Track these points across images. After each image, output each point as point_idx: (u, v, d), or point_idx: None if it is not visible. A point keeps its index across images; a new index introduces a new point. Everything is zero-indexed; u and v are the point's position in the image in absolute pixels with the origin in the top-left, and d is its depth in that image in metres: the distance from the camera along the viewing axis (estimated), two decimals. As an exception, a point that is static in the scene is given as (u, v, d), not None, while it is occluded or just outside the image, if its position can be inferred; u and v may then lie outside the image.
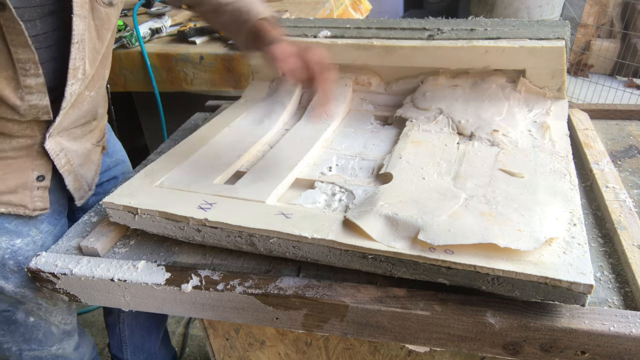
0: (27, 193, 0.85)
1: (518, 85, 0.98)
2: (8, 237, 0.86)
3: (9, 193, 0.83)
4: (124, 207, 0.77)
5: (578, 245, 0.62)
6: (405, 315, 0.63)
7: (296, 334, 0.82)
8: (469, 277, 0.61)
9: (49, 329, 0.99)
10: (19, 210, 0.85)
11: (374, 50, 1.05)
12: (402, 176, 0.78)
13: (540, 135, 0.88)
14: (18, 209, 0.85)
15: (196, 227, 0.74)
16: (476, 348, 0.64)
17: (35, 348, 0.99)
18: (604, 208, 0.80)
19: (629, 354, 0.59)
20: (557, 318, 0.60)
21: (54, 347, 1.02)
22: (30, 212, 0.86)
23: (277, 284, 0.68)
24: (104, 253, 0.79)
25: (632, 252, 0.68)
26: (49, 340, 1.00)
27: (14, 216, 0.86)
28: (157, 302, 0.73)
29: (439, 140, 0.89)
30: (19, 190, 0.84)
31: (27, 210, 0.86)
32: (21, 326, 0.95)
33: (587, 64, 3.02)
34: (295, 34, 1.12)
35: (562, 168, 0.78)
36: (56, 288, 0.77)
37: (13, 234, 0.86)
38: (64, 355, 1.05)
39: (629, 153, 0.98)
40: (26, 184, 0.85)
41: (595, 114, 1.12)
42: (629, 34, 2.89)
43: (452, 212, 0.67)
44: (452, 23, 1.05)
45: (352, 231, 0.67)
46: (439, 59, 1.02)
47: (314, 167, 0.88)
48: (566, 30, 0.96)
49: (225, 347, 0.90)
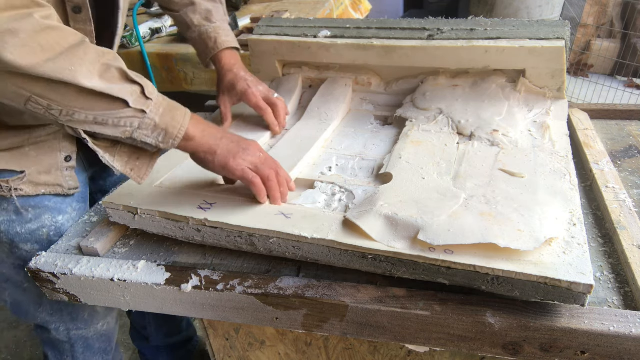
0: (59, 173, 0.91)
1: (518, 85, 0.98)
2: (50, 215, 0.90)
3: (45, 173, 0.89)
4: (124, 207, 0.77)
5: (578, 245, 0.62)
6: (405, 315, 0.63)
7: (296, 334, 0.82)
8: (468, 277, 0.61)
9: (94, 307, 1.02)
10: (56, 189, 0.90)
11: (374, 50, 1.05)
12: (402, 176, 0.78)
13: (540, 135, 0.88)
14: (56, 189, 0.90)
15: (196, 227, 0.74)
16: (476, 348, 0.64)
17: (81, 327, 1.03)
18: (603, 208, 0.80)
19: (629, 354, 0.59)
20: (557, 318, 0.60)
21: (99, 324, 1.05)
22: (67, 190, 0.92)
23: (277, 284, 0.68)
24: (104, 253, 0.79)
25: (632, 252, 0.68)
26: (94, 318, 1.04)
27: (53, 195, 0.91)
28: (157, 302, 0.73)
29: (439, 140, 0.89)
30: (52, 170, 0.90)
31: (63, 189, 0.91)
32: (68, 306, 0.99)
33: (587, 64, 3.02)
34: (295, 34, 1.12)
35: (562, 168, 0.78)
36: (56, 288, 0.77)
37: (54, 211, 0.91)
38: (109, 330, 1.08)
39: (629, 153, 0.98)
40: (57, 164, 0.90)
41: (595, 114, 1.12)
42: (629, 34, 2.89)
43: (452, 212, 0.67)
44: (452, 23, 1.04)
45: (352, 231, 0.67)
46: (439, 59, 1.02)
47: (314, 167, 0.88)
48: (566, 30, 0.96)
49: (225, 347, 0.90)
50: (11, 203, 0.86)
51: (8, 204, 0.86)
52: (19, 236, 0.88)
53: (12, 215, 0.87)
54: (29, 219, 0.88)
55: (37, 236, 0.89)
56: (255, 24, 1.91)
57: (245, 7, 2.25)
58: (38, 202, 0.88)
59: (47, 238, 0.90)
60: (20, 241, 0.89)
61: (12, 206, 0.87)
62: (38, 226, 0.89)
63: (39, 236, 0.90)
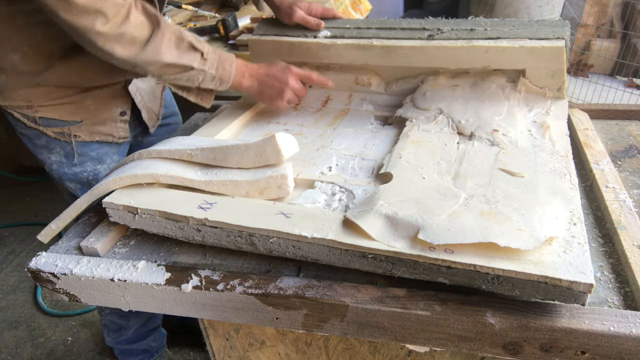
0: (113, 125, 1.12)
1: (518, 85, 0.98)
2: (92, 163, 1.12)
3: (100, 124, 1.10)
4: (124, 206, 0.77)
5: (578, 245, 0.62)
6: (405, 315, 0.63)
7: (296, 334, 0.82)
8: (469, 276, 0.61)
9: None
10: (108, 138, 1.12)
11: (374, 50, 1.05)
12: (402, 176, 0.78)
13: (540, 135, 0.88)
14: (107, 137, 1.12)
15: (196, 227, 0.74)
16: (476, 348, 0.64)
17: None
18: (604, 208, 0.80)
19: (629, 354, 0.59)
20: (557, 318, 0.60)
21: None
22: (117, 139, 1.14)
23: (277, 284, 0.68)
24: (104, 253, 0.79)
25: (632, 252, 0.68)
26: None
27: (97, 144, 1.11)
28: (157, 302, 0.73)
29: (439, 140, 0.89)
30: (107, 122, 1.11)
31: (114, 138, 1.13)
32: None
33: (587, 64, 3.02)
34: (295, 34, 1.12)
35: (562, 167, 0.78)
36: (56, 288, 0.77)
37: (96, 160, 1.12)
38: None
39: (629, 153, 0.98)
40: (112, 117, 1.11)
41: (595, 114, 1.12)
42: (629, 34, 2.89)
43: (452, 211, 0.67)
44: (452, 23, 1.04)
45: (352, 231, 0.67)
46: (439, 59, 1.02)
47: (314, 167, 0.88)
48: (566, 30, 0.96)
49: (225, 347, 0.90)
50: (62, 148, 1.08)
51: (60, 149, 1.08)
52: (65, 175, 1.11)
53: (63, 158, 1.10)
54: (74, 163, 1.10)
55: (79, 178, 1.12)
56: (255, 24, 1.91)
57: (245, 7, 2.25)
58: (85, 149, 1.10)
59: (87, 181, 1.12)
60: (67, 180, 1.12)
61: (63, 151, 1.09)
62: (81, 170, 1.11)
63: (81, 178, 1.12)
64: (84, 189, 1.12)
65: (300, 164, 0.88)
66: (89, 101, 1.06)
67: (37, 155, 1.11)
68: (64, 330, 1.88)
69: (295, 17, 1.11)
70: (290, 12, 1.11)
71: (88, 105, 1.06)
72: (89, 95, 1.06)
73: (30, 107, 1.02)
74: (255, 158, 0.80)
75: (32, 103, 1.02)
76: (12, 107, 1.03)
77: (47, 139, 1.07)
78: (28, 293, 2.07)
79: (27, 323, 1.93)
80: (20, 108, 1.02)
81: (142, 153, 0.87)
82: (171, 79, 0.94)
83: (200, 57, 0.92)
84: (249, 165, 0.81)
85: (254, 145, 0.80)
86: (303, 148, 0.93)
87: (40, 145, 1.09)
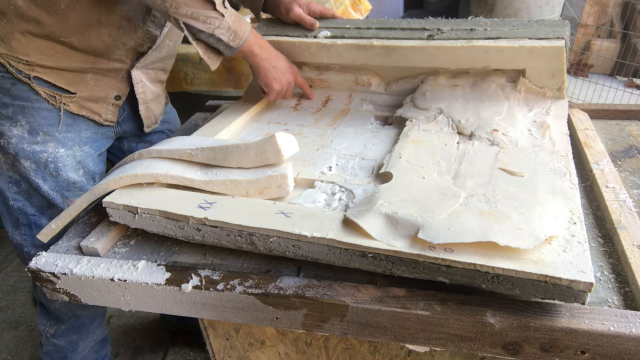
0: (104, 105, 1.10)
1: (518, 85, 0.98)
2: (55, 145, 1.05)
3: (93, 102, 1.07)
4: (124, 206, 0.77)
5: (578, 244, 0.62)
6: (405, 315, 0.63)
7: (296, 334, 0.82)
8: (468, 275, 0.61)
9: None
10: (94, 117, 1.09)
11: (374, 50, 1.06)
12: (402, 175, 0.78)
13: (540, 134, 0.88)
14: (94, 116, 1.09)
15: (196, 226, 0.74)
16: (476, 348, 0.64)
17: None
18: (604, 208, 0.80)
19: (629, 354, 0.59)
20: (557, 318, 0.60)
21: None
22: (102, 121, 1.11)
23: (277, 283, 0.68)
24: (104, 253, 0.79)
25: (632, 252, 0.68)
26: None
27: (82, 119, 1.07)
28: (157, 302, 0.73)
29: (438, 139, 0.89)
30: (99, 101, 1.08)
31: (100, 118, 1.10)
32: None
33: (587, 64, 3.02)
34: (295, 34, 1.12)
35: (562, 167, 0.78)
36: (56, 288, 0.77)
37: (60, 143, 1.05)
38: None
39: (629, 153, 0.98)
40: (106, 98, 1.09)
41: (595, 114, 1.12)
42: (629, 34, 2.89)
43: (452, 210, 0.67)
44: (452, 23, 1.04)
45: (352, 230, 0.67)
46: (439, 59, 1.02)
47: (314, 166, 0.88)
48: (566, 30, 0.96)
49: (225, 347, 0.90)
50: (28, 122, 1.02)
51: (26, 122, 1.02)
52: (23, 152, 1.03)
53: (25, 134, 1.03)
54: (36, 141, 1.03)
55: (38, 157, 1.04)
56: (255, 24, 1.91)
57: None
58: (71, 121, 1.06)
59: (44, 162, 1.05)
60: (23, 156, 1.03)
61: (29, 125, 1.02)
62: (42, 149, 1.04)
63: (39, 158, 1.04)
64: (38, 170, 1.05)
65: (300, 164, 0.88)
66: (89, 76, 1.05)
67: None
68: (64, 331, 1.88)
69: (293, 14, 1.12)
70: (289, 9, 1.12)
71: (87, 80, 1.05)
72: (91, 70, 1.04)
73: (28, 64, 0.98)
74: (255, 158, 0.80)
75: (32, 59, 0.98)
76: (8, 57, 0.97)
77: (14, 109, 1.01)
78: (28, 293, 2.07)
79: (27, 323, 1.93)
80: (17, 61, 0.97)
81: (142, 153, 0.87)
82: (188, 15, 0.91)
83: (221, 1, 0.93)
84: (249, 165, 0.81)
85: (254, 145, 0.80)
86: (303, 148, 0.93)
87: (5, 116, 1.01)
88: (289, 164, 0.81)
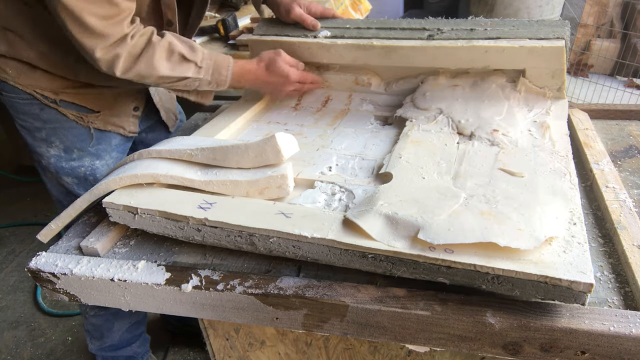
0: (125, 118, 1.17)
1: (518, 85, 0.98)
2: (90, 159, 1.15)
3: (115, 116, 1.15)
4: (124, 206, 0.77)
5: (578, 244, 0.62)
6: (405, 315, 0.63)
7: (296, 334, 0.82)
8: (469, 276, 0.61)
9: None
10: (119, 130, 1.17)
11: (374, 50, 1.05)
12: (402, 176, 0.78)
13: (540, 134, 0.88)
14: (119, 129, 1.16)
15: (196, 227, 0.74)
16: (476, 348, 0.64)
17: None
18: (604, 208, 0.79)
19: (629, 354, 0.59)
20: (557, 318, 0.60)
21: None
22: (127, 133, 1.19)
23: (277, 284, 0.68)
24: (104, 253, 0.79)
25: (632, 252, 0.68)
26: None
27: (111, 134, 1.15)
28: (157, 302, 0.73)
29: (438, 140, 0.89)
30: (121, 115, 1.16)
31: (124, 131, 1.18)
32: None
33: (587, 64, 3.02)
34: (295, 34, 1.12)
35: (562, 167, 0.78)
36: (56, 288, 0.77)
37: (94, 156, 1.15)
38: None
39: (629, 153, 0.98)
40: (126, 111, 1.17)
41: (595, 114, 1.12)
42: (629, 34, 2.88)
43: (452, 211, 0.67)
44: (452, 23, 1.04)
45: (352, 230, 0.67)
46: (439, 59, 1.02)
47: (314, 166, 0.88)
48: (566, 30, 0.96)
49: (225, 347, 0.90)
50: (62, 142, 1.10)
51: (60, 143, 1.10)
52: (62, 170, 1.13)
53: (62, 152, 1.12)
54: (72, 157, 1.13)
55: (77, 172, 1.14)
56: (255, 24, 1.91)
57: (245, 7, 2.25)
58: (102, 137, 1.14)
59: (84, 176, 1.15)
60: (64, 174, 1.14)
61: (63, 145, 1.11)
62: (78, 164, 1.14)
63: (78, 173, 1.14)
64: (80, 184, 1.15)
65: (300, 164, 0.88)
66: (108, 93, 1.11)
67: (35, 148, 1.12)
68: (64, 330, 1.88)
69: (293, 14, 1.12)
70: (289, 9, 1.12)
71: (107, 98, 1.11)
72: (109, 88, 1.10)
73: (53, 91, 1.05)
74: (255, 158, 0.80)
75: (56, 89, 1.05)
76: (33, 87, 1.04)
77: (47, 132, 1.08)
78: (28, 293, 2.07)
79: (27, 323, 1.93)
80: (42, 89, 1.04)
81: (142, 153, 0.87)
82: (169, 86, 1.00)
83: (194, 67, 0.97)
84: (249, 165, 0.81)
85: (254, 145, 0.80)
86: (303, 148, 0.93)
87: (40, 139, 1.09)
88: (289, 164, 0.81)
